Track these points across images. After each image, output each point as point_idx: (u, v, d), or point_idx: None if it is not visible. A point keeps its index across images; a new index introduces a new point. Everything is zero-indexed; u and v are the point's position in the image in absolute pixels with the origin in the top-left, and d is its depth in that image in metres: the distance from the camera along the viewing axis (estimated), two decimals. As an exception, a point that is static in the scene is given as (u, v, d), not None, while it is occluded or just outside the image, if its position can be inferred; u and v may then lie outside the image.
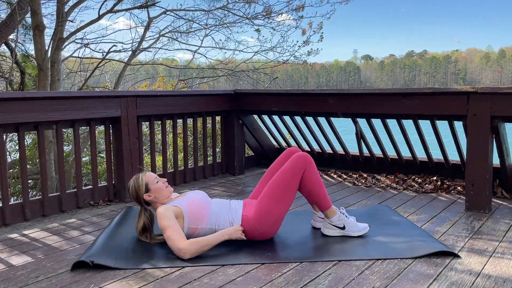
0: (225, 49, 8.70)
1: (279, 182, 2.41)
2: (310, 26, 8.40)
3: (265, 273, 2.07)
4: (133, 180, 2.47)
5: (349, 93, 3.72)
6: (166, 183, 2.50)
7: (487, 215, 2.94)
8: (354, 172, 4.23)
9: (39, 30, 6.10)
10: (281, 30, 8.99)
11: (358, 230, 2.52)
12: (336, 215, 2.52)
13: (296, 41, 8.67)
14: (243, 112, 4.42)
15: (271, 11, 7.96)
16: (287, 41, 8.76)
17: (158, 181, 2.46)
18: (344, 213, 2.55)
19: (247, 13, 7.97)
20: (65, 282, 1.99)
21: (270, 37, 14.02)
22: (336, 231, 2.53)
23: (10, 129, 2.91)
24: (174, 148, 3.99)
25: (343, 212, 2.55)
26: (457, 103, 3.08)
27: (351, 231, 2.51)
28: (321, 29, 8.47)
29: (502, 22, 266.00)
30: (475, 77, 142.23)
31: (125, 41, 8.53)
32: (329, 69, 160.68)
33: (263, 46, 8.63)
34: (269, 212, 2.38)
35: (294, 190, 2.44)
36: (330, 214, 2.52)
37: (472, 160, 3.01)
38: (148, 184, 2.43)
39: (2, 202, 2.84)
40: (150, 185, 2.43)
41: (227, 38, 8.60)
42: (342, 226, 2.52)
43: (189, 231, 2.36)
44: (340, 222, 2.52)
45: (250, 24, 8.22)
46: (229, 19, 8.19)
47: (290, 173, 2.42)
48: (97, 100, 3.30)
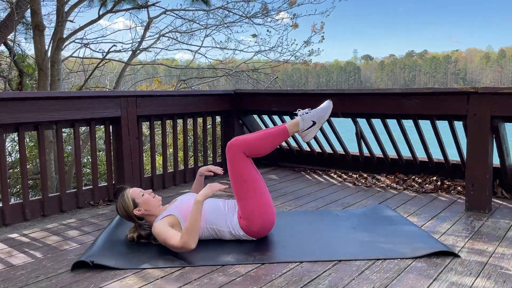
0: (226, 49, 8.72)
1: (235, 181, 2.44)
2: (313, 28, 8.42)
3: (265, 273, 2.07)
4: (119, 200, 2.44)
5: (349, 93, 3.72)
6: (152, 194, 2.48)
7: (487, 215, 2.93)
8: (354, 172, 4.23)
9: (39, 30, 6.10)
10: (280, 29, 9.00)
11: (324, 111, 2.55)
12: (300, 123, 2.52)
13: (294, 39, 8.68)
14: (243, 112, 4.42)
15: (268, 8, 7.99)
16: (286, 39, 8.79)
17: (143, 194, 2.44)
18: (302, 114, 2.55)
19: (247, 12, 7.98)
20: (65, 282, 1.99)
21: (269, 38, 14.06)
22: (312, 132, 2.55)
23: (10, 129, 2.91)
24: (174, 148, 3.99)
25: (301, 114, 2.55)
26: (457, 103, 3.08)
27: (321, 119, 2.54)
28: (322, 29, 8.48)
29: (502, 22, 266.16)
30: (475, 77, 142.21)
31: (125, 41, 8.55)
32: (329, 69, 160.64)
33: (263, 46, 8.65)
34: (250, 209, 2.38)
35: (251, 176, 2.44)
36: (295, 128, 2.53)
37: (472, 160, 3.01)
38: (134, 199, 2.41)
39: (2, 202, 2.84)
40: (137, 199, 2.41)
41: (227, 38, 8.61)
42: (312, 123, 2.53)
43: None
44: (307, 122, 2.53)
45: (249, 24, 8.24)
46: (229, 19, 8.21)
47: (236, 168, 2.44)
48: (97, 100, 3.30)
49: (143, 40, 8.05)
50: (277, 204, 3.29)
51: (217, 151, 4.62)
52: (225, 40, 8.60)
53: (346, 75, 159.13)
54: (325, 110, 2.56)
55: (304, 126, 2.53)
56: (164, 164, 3.92)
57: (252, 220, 2.38)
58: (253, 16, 8.04)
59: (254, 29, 9.06)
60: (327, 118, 2.58)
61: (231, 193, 3.47)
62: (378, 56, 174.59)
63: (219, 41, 8.66)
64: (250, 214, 2.39)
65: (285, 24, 8.61)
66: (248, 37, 8.76)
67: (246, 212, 2.39)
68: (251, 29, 8.27)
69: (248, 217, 2.39)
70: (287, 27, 8.53)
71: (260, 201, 2.41)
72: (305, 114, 2.54)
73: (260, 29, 8.46)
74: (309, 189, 3.73)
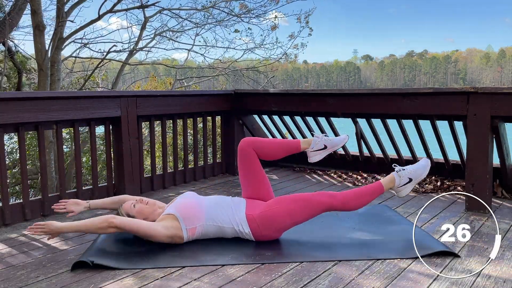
0: (216, 47, 8.77)
1: (257, 181, 2.55)
2: (298, 20, 8.44)
3: (265, 273, 2.07)
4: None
5: (349, 93, 3.72)
6: (144, 201, 2.48)
7: (487, 215, 2.93)
8: (354, 172, 4.23)
9: (39, 30, 6.10)
10: (266, 29, 9.04)
11: (338, 142, 2.61)
12: (312, 143, 2.58)
13: (287, 37, 8.73)
14: (243, 112, 4.42)
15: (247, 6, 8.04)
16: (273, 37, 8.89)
17: (135, 205, 2.44)
18: (318, 136, 2.60)
19: (235, 10, 8.05)
20: (65, 282, 1.99)
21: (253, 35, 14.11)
22: (320, 154, 2.60)
23: (10, 129, 2.91)
24: (174, 148, 3.99)
25: (317, 135, 2.61)
26: (457, 103, 3.08)
27: (334, 146, 2.60)
28: (307, 23, 8.50)
29: (502, 22, 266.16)
30: (475, 77, 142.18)
31: (124, 41, 8.58)
32: (329, 69, 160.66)
33: (252, 43, 8.71)
34: (275, 218, 2.36)
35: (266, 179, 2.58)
36: (306, 146, 2.59)
37: (472, 160, 3.00)
38: (129, 214, 2.42)
39: (2, 202, 2.84)
40: (131, 213, 2.42)
41: (217, 36, 8.70)
42: (323, 147, 2.58)
43: (189, 233, 2.35)
44: (319, 144, 2.58)
45: (237, 21, 8.30)
46: (219, 17, 8.26)
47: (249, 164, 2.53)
48: (97, 100, 3.30)
49: (140, 39, 8.07)
50: (277, 204, 3.29)
51: (217, 151, 4.62)
52: (215, 38, 8.67)
53: (346, 75, 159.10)
54: (423, 169, 2.52)
55: (314, 147, 2.59)
56: (164, 164, 3.92)
57: (267, 224, 2.36)
58: (240, 15, 8.09)
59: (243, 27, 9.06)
60: (424, 177, 2.53)
61: None
62: (378, 56, 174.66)
63: (213, 39, 8.74)
64: (271, 220, 2.36)
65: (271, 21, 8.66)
66: (238, 36, 8.80)
67: (272, 219, 2.36)
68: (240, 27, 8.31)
69: (267, 219, 2.36)
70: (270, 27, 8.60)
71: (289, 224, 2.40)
72: (401, 171, 2.52)
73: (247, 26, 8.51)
74: (309, 189, 3.73)
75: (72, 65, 8.33)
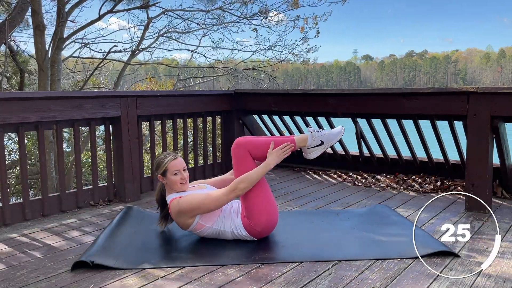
0: (223, 48, 8.73)
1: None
2: (305, 22, 8.39)
3: (265, 273, 2.07)
4: (161, 157, 2.50)
5: (349, 93, 3.72)
6: (184, 179, 2.48)
7: (487, 215, 2.93)
8: (354, 172, 4.23)
9: (40, 30, 6.11)
10: (279, 30, 8.99)
11: (335, 136, 2.58)
12: (308, 140, 2.54)
13: (295, 40, 8.68)
14: (243, 112, 4.42)
15: (268, 11, 7.99)
16: (285, 39, 8.79)
17: (176, 173, 2.45)
18: (313, 131, 2.57)
19: (245, 13, 7.99)
20: (65, 282, 1.99)
21: (268, 36, 14.05)
22: (317, 151, 2.57)
23: (10, 129, 2.91)
24: (174, 148, 3.99)
25: (312, 130, 2.57)
26: (457, 103, 3.08)
27: (329, 141, 2.57)
28: (316, 24, 8.46)
29: (502, 22, 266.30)
30: (475, 77, 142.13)
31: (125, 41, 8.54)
32: (329, 69, 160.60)
33: (261, 45, 8.65)
34: (256, 208, 2.39)
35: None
36: (303, 143, 2.55)
37: (472, 160, 3.00)
38: (166, 172, 2.45)
39: (2, 202, 2.84)
40: (168, 173, 2.45)
41: (224, 38, 8.63)
42: (320, 143, 2.55)
43: (196, 226, 2.37)
44: (316, 140, 2.55)
45: (248, 24, 8.25)
46: (227, 19, 8.22)
47: (242, 165, 2.49)
48: (97, 100, 3.30)
49: (143, 40, 8.06)
50: (277, 204, 3.28)
51: (217, 151, 4.62)
52: (221, 39, 8.61)
53: (346, 75, 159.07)
54: (336, 135, 2.57)
55: (312, 143, 2.55)
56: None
57: (257, 219, 2.38)
58: (251, 17, 8.04)
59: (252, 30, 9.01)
60: (335, 143, 2.60)
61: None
62: (378, 56, 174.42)
63: (217, 39, 8.67)
64: (255, 213, 2.39)
65: (285, 25, 8.59)
66: (245, 37, 8.77)
67: (251, 210, 2.40)
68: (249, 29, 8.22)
69: (253, 215, 2.39)
70: (287, 28, 8.53)
71: (265, 200, 2.43)
72: (315, 132, 2.55)
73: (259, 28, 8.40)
74: (309, 189, 3.73)
75: (74, 65, 8.33)
